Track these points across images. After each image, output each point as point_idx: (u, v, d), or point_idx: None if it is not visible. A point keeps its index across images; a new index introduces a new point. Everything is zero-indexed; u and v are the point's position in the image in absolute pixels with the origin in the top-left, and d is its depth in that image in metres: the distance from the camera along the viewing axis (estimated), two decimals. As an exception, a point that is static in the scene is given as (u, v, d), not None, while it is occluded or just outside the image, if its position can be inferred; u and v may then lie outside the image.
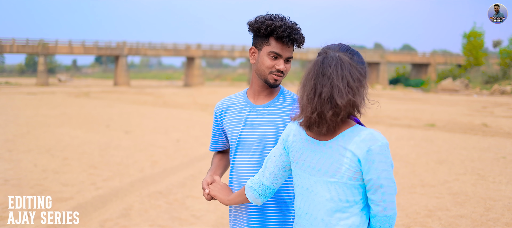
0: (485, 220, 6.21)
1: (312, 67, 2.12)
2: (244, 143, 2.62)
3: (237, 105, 2.68)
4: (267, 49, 2.53)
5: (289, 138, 2.26)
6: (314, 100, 2.02)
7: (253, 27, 2.53)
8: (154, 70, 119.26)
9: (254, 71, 2.62)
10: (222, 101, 2.74)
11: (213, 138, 2.84)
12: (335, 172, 2.08)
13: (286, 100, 2.65)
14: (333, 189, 2.08)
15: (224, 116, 2.71)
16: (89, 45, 56.73)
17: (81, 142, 12.51)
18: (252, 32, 2.56)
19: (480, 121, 18.50)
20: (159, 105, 26.26)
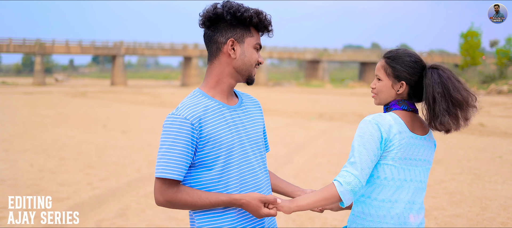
0: (481, 220, 6.22)
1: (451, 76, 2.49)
2: (234, 151, 2.26)
3: (212, 109, 2.24)
4: (251, 41, 2.27)
5: (394, 135, 2.34)
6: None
7: (237, 16, 2.21)
8: (151, 70, 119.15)
9: (233, 67, 2.27)
10: (189, 108, 2.19)
11: (180, 159, 2.14)
12: (431, 160, 2.55)
13: (249, 99, 2.50)
14: (428, 175, 2.52)
15: (203, 124, 2.18)
16: (86, 45, 56.67)
17: (78, 141, 12.50)
18: (232, 21, 2.22)
19: (476, 120, 18.53)
20: (156, 105, 26.25)
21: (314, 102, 28.94)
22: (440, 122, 2.46)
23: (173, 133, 2.15)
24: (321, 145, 12.45)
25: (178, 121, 2.16)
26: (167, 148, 2.14)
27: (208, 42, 2.31)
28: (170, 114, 2.19)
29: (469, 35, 53.26)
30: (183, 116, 2.16)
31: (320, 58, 63.69)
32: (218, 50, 2.28)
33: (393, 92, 2.46)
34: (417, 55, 2.53)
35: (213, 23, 2.26)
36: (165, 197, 2.15)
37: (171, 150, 2.13)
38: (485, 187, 7.93)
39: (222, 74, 2.29)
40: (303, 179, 8.58)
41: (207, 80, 2.32)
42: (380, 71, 2.49)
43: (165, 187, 2.15)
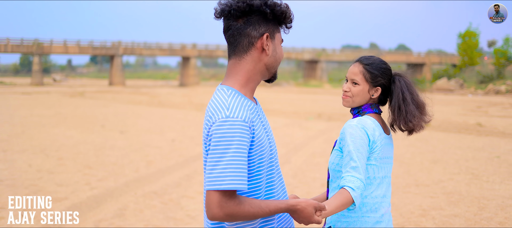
0: (479, 219, 6.24)
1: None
2: (273, 155, 2.19)
3: (253, 110, 2.09)
4: (279, 37, 2.17)
5: (377, 137, 2.56)
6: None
7: (275, 10, 2.08)
8: (150, 70, 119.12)
9: (264, 64, 2.13)
10: (241, 110, 2.00)
11: (245, 166, 1.95)
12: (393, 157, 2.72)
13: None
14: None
15: (252, 127, 2.02)
16: (84, 45, 56.63)
17: (76, 142, 12.49)
18: (269, 15, 2.09)
19: (474, 120, 18.57)
20: (154, 105, 26.24)
21: (313, 102, 28.96)
22: (409, 122, 2.69)
23: (235, 138, 1.92)
24: (320, 145, 12.46)
25: (238, 124, 1.94)
26: (232, 156, 1.90)
27: (237, 35, 2.08)
28: (225, 117, 1.94)
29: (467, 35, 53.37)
30: (242, 118, 1.96)
31: (318, 58, 63.72)
32: (250, 45, 2.08)
33: (368, 96, 2.65)
34: (387, 63, 2.73)
35: (245, 15, 2.07)
36: (225, 211, 1.90)
37: (236, 158, 1.91)
38: (483, 187, 7.95)
39: (254, 71, 2.12)
40: (301, 179, 8.59)
41: (236, 77, 2.11)
42: (359, 76, 2.63)
43: (226, 199, 1.90)
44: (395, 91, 2.67)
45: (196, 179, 8.46)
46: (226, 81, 2.12)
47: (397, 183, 8.20)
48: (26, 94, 34.39)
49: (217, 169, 1.90)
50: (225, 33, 2.12)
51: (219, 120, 1.94)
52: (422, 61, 65.87)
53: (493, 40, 61.34)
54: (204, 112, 21.60)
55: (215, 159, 1.91)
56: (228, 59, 2.15)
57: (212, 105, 2.03)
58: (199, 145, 12.25)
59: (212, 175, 1.91)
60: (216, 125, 1.93)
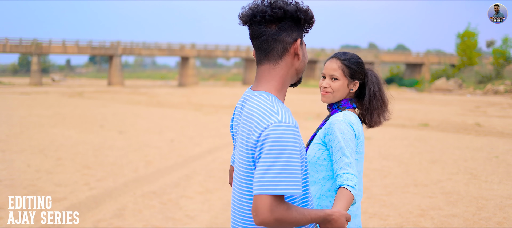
0: (477, 219, 6.25)
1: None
2: (305, 161, 2.18)
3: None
4: (303, 41, 2.19)
5: (360, 132, 2.63)
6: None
7: (309, 16, 2.08)
8: (148, 70, 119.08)
9: (295, 69, 2.15)
10: (290, 115, 2.00)
11: (299, 171, 1.95)
12: None
13: None
14: None
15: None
16: (83, 45, 56.62)
17: (75, 142, 12.49)
18: (301, 21, 2.09)
19: (473, 120, 18.59)
20: (153, 105, 26.23)
21: (312, 102, 28.97)
22: (374, 117, 2.75)
23: (290, 143, 1.90)
24: (318, 145, 12.45)
25: (291, 130, 1.92)
26: (287, 160, 1.88)
27: (271, 41, 2.05)
28: (278, 121, 1.92)
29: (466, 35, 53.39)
30: (293, 124, 1.94)
31: (317, 58, 63.75)
32: (284, 50, 2.07)
33: (347, 91, 2.72)
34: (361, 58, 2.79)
35: (279, 21, 2.05)
36: (275, 215, 1.87)
37: (290, 162, 1.89)
38: (482, 187, 7.96)
39: (287, 76, 2.12)
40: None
41: (272, 83, 2.09)
42: (338, 71, 2.70)
43: (276, 204, 1.88)
44: (368, 86, 2.76)
45: (195, 179, 8.46)
46: (261, 86, 2.10)
47: (395, 183, 8.21)
48: (25, 94, 34.37)
49: (269, 173, 1.88)
50: (257, 39, 2.08)
51: (273, 124, 1.91)
52: (421, 61, 65.91)
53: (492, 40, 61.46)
54: (202, 112, 21.61)
55: (268, 163, 1.88)
56: (258, 64, 2.13)
57: (257, 110, 1.99)
58: (197, 145, 12.25)
59: (264, 179, 1.88)
60: (269, 130, 1.91)
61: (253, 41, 2.10)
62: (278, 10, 2.01)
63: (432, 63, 66.98)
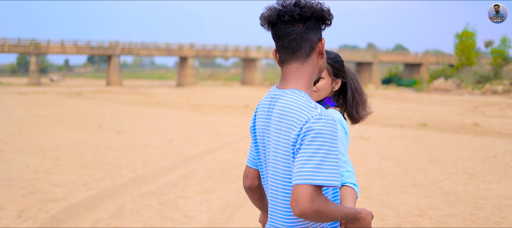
0: (475, 219, 6.25)
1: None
2: None
3: None
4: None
5: (347, 129, 2.64)
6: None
7: (330, 15, 2.14)
8: (147, 70, 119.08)
9: (319, 67, 2.20)
10: (328, 112, 2.07)
11: (337, 163, 2.00)
12: None
13: None
14: None
15: None
16: (82, 45, 56.58)
17: (73, 142, 12.48)
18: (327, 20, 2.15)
19: (471, 120, 18.61)
20: (152, 106, 26.23)
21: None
22: (360, 112, 2.79)
23: (329, 135, 1.94)
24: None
25: (331, 123, 1.96)
26: (327, 151, 1.92)
27: (300, 40, 2.09)
28: (319, 114, 1.96)
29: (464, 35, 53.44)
30: (332, 118, 1.99)
31: (315, 58, 63.69)
32: (311, 49, 2.11)
33: (330, 89, 2.73)
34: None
35: (306, 20, 2.08)
36: (315, 206, 1.88)
37: (330, 154, 1.93)
38: (480, 187, 7.97)
39: (313, 74, 2.17)
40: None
41: (301, 81, 2.13)
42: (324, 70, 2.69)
43: (316, 194, 1.89)
44: (348, 83, 2.80)
45: (193, 179, 8.46)
46: (290, 84, 2.13)
47: (394, 183, 8.21)
48: (23, 94, 34.34)
49: (310, 164, 1.90)
50: (284, 38, 2.10)
51: (314, 117, 1.95)
52: (419, 61, 65.94)
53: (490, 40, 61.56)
54: (201, 113, 21.61)
55: (309, 154, 1.91)
56: (284, 63, 2.15)
57: (295, 107, 2.02)
58: (196, 145, 12.25)
59: (304, 169, 1.89)
60: (311, 122, 1.94)
61: (279, 40, 2.12)
62: (307, 9, 2.05)
63: (431, 63, 67.04)
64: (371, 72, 63.70)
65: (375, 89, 51.36)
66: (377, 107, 24.31)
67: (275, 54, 2.18)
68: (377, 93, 42.16)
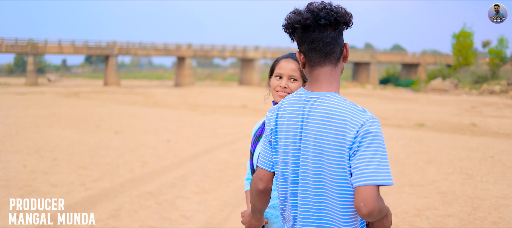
0: (473, 219, 6.27)
1: None
2: None
3: None
4: None
5: None
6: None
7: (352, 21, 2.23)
8: (145, 70, 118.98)
9: (341, 70, 2.25)
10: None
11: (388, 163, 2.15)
12: None
13: None
14: None
15: None
16: (79, 45, 56.48)
17: (71, 142, 12.47)
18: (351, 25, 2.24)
19: (469, 120, 18.64)
20: (150, 106, 26.21)
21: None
22: None
23: (382, 138, 2.04)
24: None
25: (380, 125, 2.06)
26: (383, 152, 2.00)
27: (333, 44, 2.15)
28: (372, 117, 2.04)
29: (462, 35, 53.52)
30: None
31: (313, 58, 63.72)
32: (341, 53, 2.19)
33: None
34: None
35: (337, 25, 2.15)
36: (379, 205, 1.96)
37: (386, 155, 2.02)
38: (477, 187, 7.99)
39: (339, 77, 2.25)
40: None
41: (335, 83, 2.19)
42: (297, 72, 2.72)
43: (379, 194, 1.98)
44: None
45: (191, 180, 8.46)
46: (325, 88, 2.16)
47: (391, 183, 8.22)
48: (21, 94, 34.29)
49: (372, 165, 1.96)
50: (317, 42, 2.13)
51: (369, 120, 2.01)
52: (417, 62, 66.02)
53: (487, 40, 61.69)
54: (199, 113, 21.60)
55: (370, 156, 1.96)
56: (315, 66, 2.18)
57: (343, 109, 2.06)
58: (194, 145, 12.25)
59: (368, 170, 1.95)
60: (367, 125, 2.00)
61: (312, 43, 2.14)
62: (341, 15, 2.12)
63: (428, 63, 67.12)
64: (368, 73, 63.76)
65: (373, 90, 51.39)
66: (375, 108, 24.36)
67: (299, 56, 2.21)
68: (374, 94, 42.19)
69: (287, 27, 2.17)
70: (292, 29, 2.16)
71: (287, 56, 2.80)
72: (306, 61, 2.19)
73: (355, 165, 1.98)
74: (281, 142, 2.20)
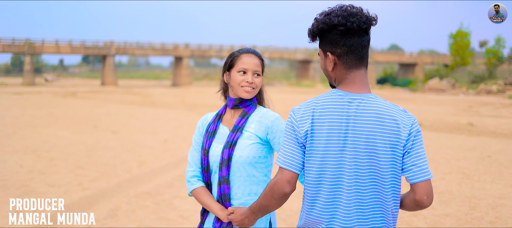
0: (470, 219, 6.28)
1: None
2: None
3: None
4: None
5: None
6: None
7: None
8: (142, 70, 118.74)
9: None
10: None
11: None
12: None
13: None
14: None
15: None
16: (76, 44, 56.38)
17: (68, 142, 12.45)
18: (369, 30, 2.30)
19: (466, 120, 18.67)
20: (147, 105, 26.19)
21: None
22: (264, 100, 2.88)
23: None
24: (312, 145, 12.46)
25: None
26: (424, 148, 2.19)
27: (367, 47, 2.25)
28: (414, 116, 2.20)
29: (459, 35, 53.57)
30: None
31: (311, 58, 63.82)
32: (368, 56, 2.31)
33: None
34: None
35: (369, 30, 2.25)
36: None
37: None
38: (474, 187, 8.00)
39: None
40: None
41: (368, 85, 2.28)
42: (260, 67, 2.75)
43: None
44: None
45: (188, 179, 8.44)
46: (365, 89, 2.23)
47: (389, 183, 8.22)
48: (18, 94, 34.22)
49: (425, 161, 2.14)
50: (356, 46, 2.20)
51: (414, 119, 2.18)
52: (414, 61, 66.09)
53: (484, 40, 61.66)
54: (196, 113, 21.59)
55: (422, 152, 2.14)
56: (352, 69, 2.23)
57: (392, 110, 2.15)
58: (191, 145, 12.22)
59: (424, 165, 2.13)
60: (416, 124, 2.16)
61: (349, 47, 2.19)
62: (375, 19, 2.22)
63: (426, 63, 67.19)
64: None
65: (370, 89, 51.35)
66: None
67: (330, 57, 2.23)
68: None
69: (323, 29, 2.19)
70: (324, 32, 2.19)
71: (247, 51, 2.78)
72: (340, 63, 2.22)
73: (412, 162, 2.12)
74: (321, 143, 2.16)
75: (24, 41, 54.13)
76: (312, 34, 2.24)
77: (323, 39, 2.23)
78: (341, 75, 2.23)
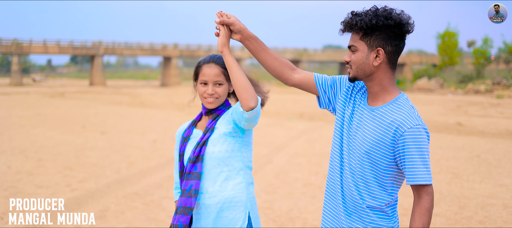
0: (459, 218, 6.30)
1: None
2: None
3: None
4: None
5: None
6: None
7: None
8: (131, 70, 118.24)
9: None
10: None
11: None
12: None
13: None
14: None
15: None
16: (64, 44, 56.02)
17: (56, 143, 12.35)
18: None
19: (454, 120, 18.77)
20: (136, 106, 26.07)
21: (294, 102, 29.03)
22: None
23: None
24: (302, 145, 12.48)
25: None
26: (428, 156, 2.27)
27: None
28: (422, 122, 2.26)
29: (446, 35, 53.89)
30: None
31: (300, 58, 63.90)
32: None
33: (227, 93, 2.82)
34: None
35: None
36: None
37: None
38: (463, 186, 8.03)
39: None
40: (283, 179, 8.59)
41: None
42: (221, 76, 2.79)
43: None
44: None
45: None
46: (397, 89, 2.36)
47: (378, 183, 8.23)
48: (5, 94, 33.93)
49: (428, 166, 2.29)
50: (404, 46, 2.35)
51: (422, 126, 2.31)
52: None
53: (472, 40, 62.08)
54: (185, 113, 21.52)
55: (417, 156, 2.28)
56: (394, 70, 2.34)
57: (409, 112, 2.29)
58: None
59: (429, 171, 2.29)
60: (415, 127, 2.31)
61: (400, 48, 2.32)
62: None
63: (414, 63, 67.54)
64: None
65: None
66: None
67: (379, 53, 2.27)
68: (361, 93, 42.26)
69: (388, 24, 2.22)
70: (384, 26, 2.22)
71: (208, 61, 2.80)
72: (387, 61, 2.28)
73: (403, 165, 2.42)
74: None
75: (11, 41, 53.69)
76: (367, 25, 2.23)
77: (374, 33, 2.24)
78: (385, 75, 2.29)
